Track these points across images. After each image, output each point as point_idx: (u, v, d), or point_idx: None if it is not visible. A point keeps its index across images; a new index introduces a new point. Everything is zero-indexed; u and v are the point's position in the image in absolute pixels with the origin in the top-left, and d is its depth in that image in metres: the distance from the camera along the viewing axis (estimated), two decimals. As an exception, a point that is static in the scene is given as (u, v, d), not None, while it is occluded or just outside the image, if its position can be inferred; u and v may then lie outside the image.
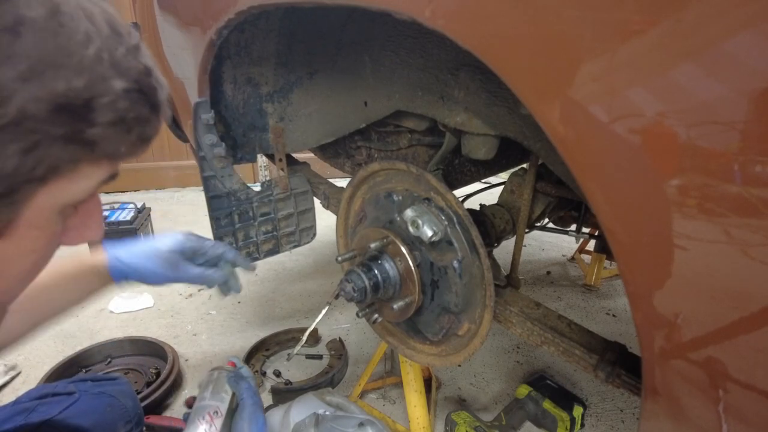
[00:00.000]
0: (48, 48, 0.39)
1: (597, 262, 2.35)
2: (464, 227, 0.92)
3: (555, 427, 1.45)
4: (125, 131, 0.46)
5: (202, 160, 1.22)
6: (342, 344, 1.87)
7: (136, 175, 3.93)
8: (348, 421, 1.22)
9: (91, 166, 0.47)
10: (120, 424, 1.08)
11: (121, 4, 3.49)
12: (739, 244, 0.42)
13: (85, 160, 0.46)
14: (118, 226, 2.51)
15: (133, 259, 0.96)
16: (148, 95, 0.48)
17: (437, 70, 1.07)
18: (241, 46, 1.15)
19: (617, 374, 0.81)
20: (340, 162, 1.57)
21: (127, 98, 0.45)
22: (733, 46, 0.38)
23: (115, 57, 0.44)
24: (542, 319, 0.95)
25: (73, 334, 2.04)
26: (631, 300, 0.52)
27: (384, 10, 0.64)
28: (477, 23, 0.54)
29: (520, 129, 0.97)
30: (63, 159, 0.43)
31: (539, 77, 0.51)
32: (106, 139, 0.45)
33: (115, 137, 0.46)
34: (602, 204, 0.50)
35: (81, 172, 0.46)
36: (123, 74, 0.44)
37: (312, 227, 1.53)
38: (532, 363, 1.85)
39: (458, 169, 1.41)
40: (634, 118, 0.44)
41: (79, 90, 0.41)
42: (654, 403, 0.56)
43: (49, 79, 0.40)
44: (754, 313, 0.43)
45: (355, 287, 0.98)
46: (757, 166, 0.39)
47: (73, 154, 0.44)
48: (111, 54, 0.43)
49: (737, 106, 0.39)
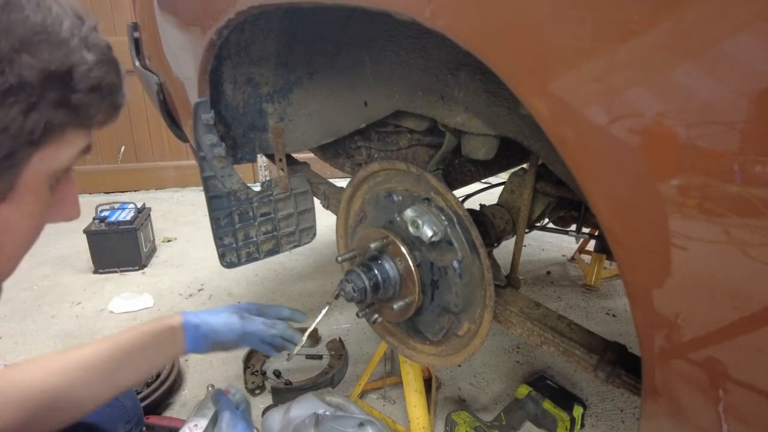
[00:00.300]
0: (32, 24, 0.46)
1: (597, 262, 2.34)
2: (464, 227, 0.92)
3: (555, 427, 1.45)
4: (101, 98, 0.53)
5: (202, 160, 1.22)
6: (342, 344, 1.87)
7: (136, 175, 3.92)
8: (348, 421, 1.22)
9: (74, 133, 0.53)
10: (120, 423, 1.08)
11: (121, 4, 3.49)
12: (739, 244, 0.42)
13: (71, 126, 0.52)
14: (118, 226, 2.51)
15: (203, 314, 1.05)
16: (114, 66, 0.55)
17: (437, 70, 1.07)
18: (241, 46, 1.15)
19: (617, 374, 0.81)
20: (340, 162, 1.57)
21: (99, 68, 0.51)
22: (733, 46, 0.38)
23: (82, 34, 0.50)
24: (542, 319, 0.95)
25: (73, 334, 2.04)
26: (631, 300, 0.52)
27: (384, 10, 0.64)
28: (477, 23, 0.54)
29: (520, 129, 0.97)
30: (54, 123, 0.50)
31: (539, 77, 0.51)
32: (87, 104, 0.51)
33: (93, 104, 0.52)
34: (602, 204, 0.50)
35: (66, 139, 0.52)
36: (90, 48, 0.51)
37: (312, 227, 1.53)
38: (532, 363, 1.85)
39: (458, 169, 1.40)
40: (634, 118, 0.44)
41: (61, 59, 0.48)
42: (654, 403, 0.56)
43: (37, 50, 0.46)
44: (754, 313, 0.43)
45: (355, 287, 0.98)
46: (757, 166, 0.39)
47: (62, 118, 0.50)
48: (79, 31, 0.50)
49: (737, 106, 0.39)
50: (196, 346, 1.03)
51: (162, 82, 1.42)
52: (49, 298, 2.34)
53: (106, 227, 2.51)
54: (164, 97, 1.43)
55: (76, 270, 2.61)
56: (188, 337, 1.01)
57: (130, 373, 0.95)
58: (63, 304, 2.29)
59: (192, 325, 1.02)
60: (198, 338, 1.03)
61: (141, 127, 3.83)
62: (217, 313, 1.06)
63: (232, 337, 1.07)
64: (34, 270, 2.59)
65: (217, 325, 1.05)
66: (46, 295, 2.36)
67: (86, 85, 0.50)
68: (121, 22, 3.46)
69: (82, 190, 4.20)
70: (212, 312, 1.07)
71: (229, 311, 1.08)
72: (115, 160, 3.87)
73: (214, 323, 1.05)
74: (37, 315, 2.20)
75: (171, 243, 2.97)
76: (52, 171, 0.54)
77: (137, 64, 1.59)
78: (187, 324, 1.02)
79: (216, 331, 1.05)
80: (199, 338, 1.03)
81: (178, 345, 1.01)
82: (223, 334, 1.05)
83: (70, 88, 0.49)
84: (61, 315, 2.21)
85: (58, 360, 0.87)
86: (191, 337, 1.01)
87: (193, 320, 1.03)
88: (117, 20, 3.40)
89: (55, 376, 0.85)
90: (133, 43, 1.61)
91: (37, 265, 2.64)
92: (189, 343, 1.01)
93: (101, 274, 2.56)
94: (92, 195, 3.82)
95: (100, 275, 2.55)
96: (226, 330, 1.05)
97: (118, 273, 2.57)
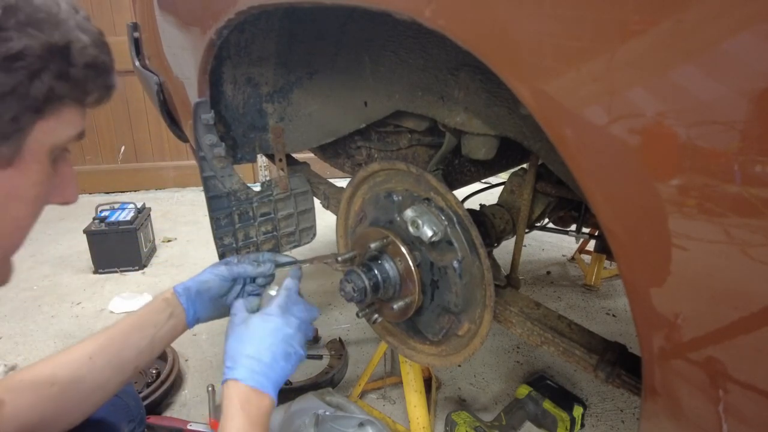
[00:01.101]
0: (36, 5, 0.53)
1: (597, 262, 2.35)
2: (464, 227, 0.92)
3: (555, 427, 1.45)
4: (96, 75, 0.58)
5: (202, 160, 1.22)
6: (342, 344, 1.87)
7: (136, 175, 3.93)
8: (348, 421, 1.22)
9: (71, 111, 0.58)
10: (123, 423, 1.09)
11: (121, 4, 3.49)
12: (738, 244, 0.42)
13: (68, 100, 0.57)
14: (118, 226, 2.51)
15: (190, 279, 1.07)
16: (107, 48, 0.60)
17: (437, 70, 1.07)
18: (241, 47, 1.15)
19: (617, 374, 0.81)
20: (340, 162, 1.57)
21: (94, 47, 0.57)
22: (733, 46, 0.38)
23: (77, 19, 0.57)
24: (542, 319, 0.95)
25: (73, 334, 2.04)
26: (631, 300, 0.52)
27: (384, 10, 0.64)
28: (477, 23, 0.54)
29: (520, 129, 0.97)
30: (55, 93, 0.54)
31: (539, 77, 0.51)
32: (83, 79, 0.57)
33: (89, 80, 0.58)
34: (602, 204, 0.50)
35: (64, 116, 0.57)
36: (84, 31, 0.57)
37: (312, 227, 1.53)
38: (532, 363, 1.85)
39: (458, 169, 1.40)
40: (634, 118, 0.44)
41: (59, 36, 0.53)
42: (654, 403, 0.56)
43: (40, 25, 0.52)
44: (754, 313, 0.43)
45: (355, 287, 0.98)
46: (757, 166, 0.39)
47: (62, 90, 0.55)
48: (75, 16, 0.57)
49: (737, 106, 0.39)
50: (194, 308, 1.04)
51: (162, 82, 1.42)
52: (49, 298, 2.34)
53: (106, 227, 2.51)
54: (164, 97, 1.43)
55: (76, 270, 2.61)
56: (183, 301, 1.02)
57: (133, 352, 0.96)
58: (63, 304, 2.29)
59: (183, 288, 1.03)
60: (192, 299, 1.04)
61: (141, 127, 3.83)
62: (203, 272, 1.09)
63: (225, 284, 1.08)
64: (34, 270, 2.59)
65: (207, 278, 1.07)
66: (46, 295, 2.36)
67: (83, 60, 0.56)
68: (121, 22, 3.48)
69: (82, 190, 4.23)
70: (198, 274, 1.09)
71: (214, 264, 1.10)
72: (115, 160, 3.87)
73: (203, 278, 1.06)
74: (37, 315, 2.20)
75: (171, 243, 2.97)
76: (52, 144, 0.58)
77: (137, 64, 1.59)
78: (178, 289, 1.03)
79: (207, 283, 1.06)
80: (194, 298, 1.04)
81: (177, 313, 1.02)
82: (215, 284, 1.07)
83: (68, 62, 0.54)
84: (61, 315, 2.21)
85: (63, 355, 0.90)
86: (186, 300, 1.03)
87: (183, 284, 1.04)
88: (117, 20, 3.40)
89: (62, 368, 0.87)
90: (133, 43, 1.61)
91: (37, 265, 2.64)
92: (187, 307, 1.03)
93: (101, 274, 2.56)
94: (92, 195, 3.82)
95: (100, 275, 2.55)
96: (217, 278, 1.07)
97: (118, 273, 2.57)
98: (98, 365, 0.90)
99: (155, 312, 1.01)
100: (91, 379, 0.89)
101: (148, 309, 1.01)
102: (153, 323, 0.99)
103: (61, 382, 0.85)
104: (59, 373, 0.86)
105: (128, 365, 0.96)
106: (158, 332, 1.00)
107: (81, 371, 0.88)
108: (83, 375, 0.88)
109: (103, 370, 0.91)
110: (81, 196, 3.87)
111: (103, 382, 0.91)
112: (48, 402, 0.83)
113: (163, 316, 1.00)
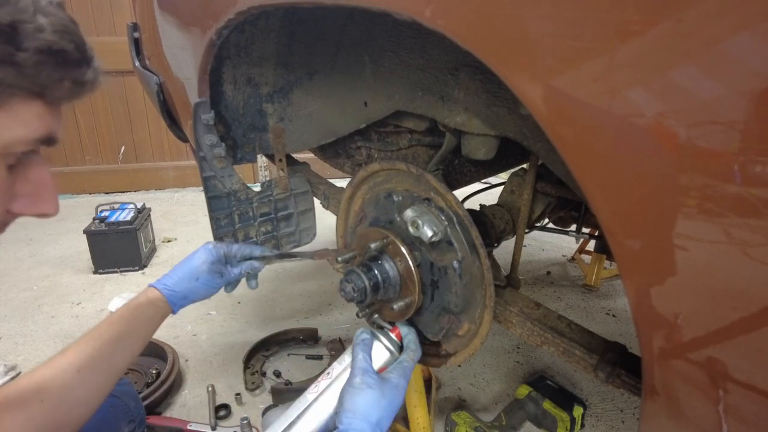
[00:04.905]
0: None
1: (597, 262, 2.35)
2: (464, 227, 0.92)
3: (555, 427, 1.45)
4: (55, 66, 0.50)
5: (202, 160, 1.22)
6: (342, 344, 1.87)
7: (136, 176, 3.93)
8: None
9: (26, 106, 0.50)
10: (123, 423, 1.09)
11: (121, 4, 3.49)
12: (739, 244, 0.42)
13: (19, 90, 0.49)
14: (118, 226, 2.51)
15: (182, 283, 1.02)
16: (75, 38, 0.51)
17: (437, 70, 1.07)
18: (241, 47, 1.15)
19: (617, 374, 0.81)
20: (340, 162, 1.57)
21: (53, 33, 0.48)
22: (733, 46, 0.38)
23: (39, 3, 0.48)
24: (542, 320, 0.95)
25: (73, 335, 2.04)
26: (631, 300, 0.52)
27: (384, 10, 0.64)
28: (477, 23, 0.54)
29: (520, 129, 0.97)
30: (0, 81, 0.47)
31: (539, 77, 0.51)
32: (36, 67, 0.48)
33: (45, 69, 0.49)
34: (602, 204, 0.50)
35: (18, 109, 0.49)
36: (46, 14, 0.49)
37: (312, 227, 1.53)
38: (532, 363, 1.85)
39: (458, 169, 1.40)
40: (634, 118, 0.44)
41: (4, 13, 0.46)
42: (654, 403, 0.56)
43: None
44: (754, 313, 0.43)
45: (355, 287, 0.98)
46: (757, 166, 0.39)
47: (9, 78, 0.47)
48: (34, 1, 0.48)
49: (737, 106, 0.39)
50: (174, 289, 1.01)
51: (162, 82, 1.42)
52: (49, 299, 2.34)
53: (106, 227, 2.51)
54: (164, 97, 1.43)
55: (76, 270, 2.61)
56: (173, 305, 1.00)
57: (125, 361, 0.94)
58: (63, 304, 2.29)
59: (175, 298, 1.01)
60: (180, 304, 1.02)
61: (141, 127, 3.83)
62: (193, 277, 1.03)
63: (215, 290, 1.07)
64: (34, 270, 2.59)
65: (198, 290, 1.03)
66: (46, 296, 2.36)
67: (34, 45, 0.47)
68: (121, 22, 3.48)
69: (82, 190, 4.23)
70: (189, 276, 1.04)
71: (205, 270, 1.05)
72: (115, 160, 3.88)
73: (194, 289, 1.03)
74: (37, 315, 2.20)
75: (171, 243, 2.97)
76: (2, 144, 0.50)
77: (137, 64, 1.59)
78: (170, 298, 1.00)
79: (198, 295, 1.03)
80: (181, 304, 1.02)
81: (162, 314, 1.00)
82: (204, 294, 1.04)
83: (14, 44, 0.47)
84: (61, 315, 2.21)
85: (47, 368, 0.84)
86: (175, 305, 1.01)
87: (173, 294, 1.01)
88: (117, 21, 3.41)
89: (50, 381, 0.83)
90: (133, 43, 1.61)
91: (37, 266, 2.64)
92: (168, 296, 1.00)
93: (101, 274, 2.56)
94: (92, 195, 3.82)
95: (100, 275, 2.55)
96: (207, 291, 1.04)
97: (118, 273, 2.57)
98: (87, 377, 0.87)
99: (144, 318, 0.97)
100: (82, 389, 0.86)
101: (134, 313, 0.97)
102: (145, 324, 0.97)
103: (50, 398, 0.81)
104: (48, 386, 0.82)
105: (119, 372, 0.94)
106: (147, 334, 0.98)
107: (72, 383, 0.84)
108: (74, 386, 0.85)
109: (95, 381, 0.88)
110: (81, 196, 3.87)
111: (95, 392, 0.89)
112: (39, 418, 0.79)
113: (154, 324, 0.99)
